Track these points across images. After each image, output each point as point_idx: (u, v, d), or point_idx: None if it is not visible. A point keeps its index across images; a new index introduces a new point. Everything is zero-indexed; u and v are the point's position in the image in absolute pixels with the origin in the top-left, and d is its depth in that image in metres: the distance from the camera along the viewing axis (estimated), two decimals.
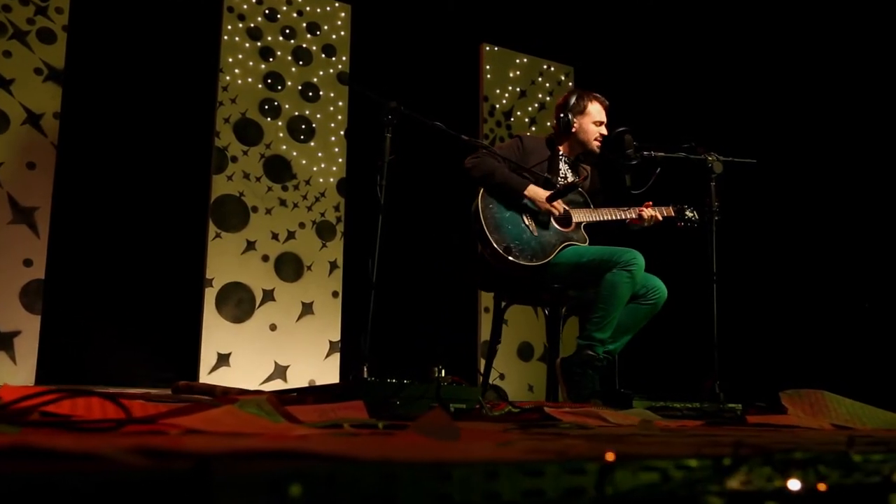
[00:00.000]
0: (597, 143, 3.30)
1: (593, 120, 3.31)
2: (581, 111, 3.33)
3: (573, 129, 3.33)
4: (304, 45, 5.32)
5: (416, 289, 5.27)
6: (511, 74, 6.09)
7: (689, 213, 3.38)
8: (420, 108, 5.62)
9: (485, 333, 5.76)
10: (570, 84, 6.34)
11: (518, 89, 6.11)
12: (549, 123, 6.23)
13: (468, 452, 0.62)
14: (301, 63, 5.29)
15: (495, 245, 3.03)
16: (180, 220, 4.80)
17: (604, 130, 3.34)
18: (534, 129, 6.09)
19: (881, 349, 5.20)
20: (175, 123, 4.80)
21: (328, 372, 5.08)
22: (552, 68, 6.30)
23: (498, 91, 6.04)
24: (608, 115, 3.40)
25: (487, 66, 6.03)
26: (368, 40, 5.57)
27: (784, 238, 5.42)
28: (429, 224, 5.19)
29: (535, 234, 3.11)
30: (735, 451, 0.59)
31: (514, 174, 3.16)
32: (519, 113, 6.11)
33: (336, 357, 5.12)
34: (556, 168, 3.31)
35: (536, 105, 6.14)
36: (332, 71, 5.41)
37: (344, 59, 5.46)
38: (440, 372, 2.31)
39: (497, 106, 6.01)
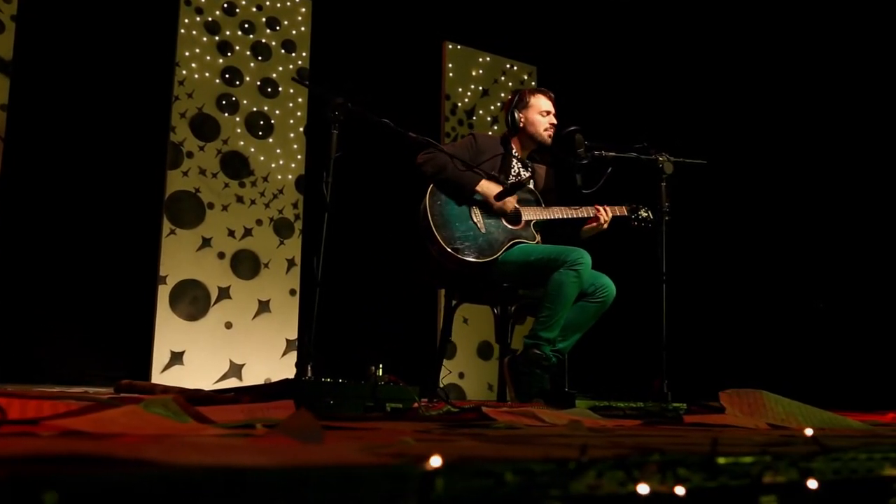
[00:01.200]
0: (548, 133, 3.29)
1: (539, 110, 3.31)
2: (525, 105, 3.32)
3: (521, 125, 3.32)
4: (264, 41, 5.26)
5: (373, 287, 5.24)
6: (473, 73, 6.08)
7: (643, 213, 3.38)
8: (381, 106, 5.57)
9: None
10: (533, 83, 6.34)
11: (480, 88, 6.10)
12: None
13: (311, 455, 0.59)
14: (260, 58, 5.23)
15: (441, 241, 3.01)
16: (134, 216, 4.72)
17: (553, 120, 3.33)
18: (496, 128, 6.08)
19: (830, 348, 5.27)
20: (129, 118, 4.71)
21: (284, 370, 5.02)
22: (515, 68, 6.30)
23: (460, 89, 6.02)
24: (556, 107, 3.39)
25: (450, 65, 6.01)
26: (329, 37, 5.53)
27: (733, 238, 5.47)
28: (384, 221, 5.15)
29: (484, 231, 3.10)
30: (581, 455, 0.57)
31: (467, 171, 3.15)
32: (481, 112, 6.10)
33: (293, 355, 5.06)
34: (508, 167, 3.30)
35: (499, 104, 6.14)
36: (291, 67, 5.35)
37: (304, 55, 5.41)
38: (377, 371, 2.28)
39: (459, 104, 5.99)
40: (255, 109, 5.16)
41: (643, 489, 0.58)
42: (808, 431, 1.28)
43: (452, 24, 6.02)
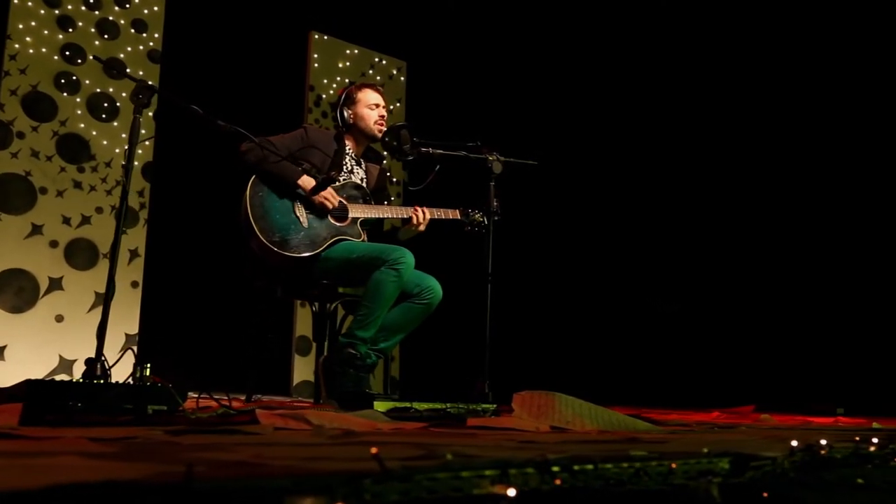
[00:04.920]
0: (378, 127, 3.23)
1: (367, 104, 3.24)
2: (353, 102, 3.25)
3: (351, 121, 3.24)
4: (111, 18, 4.97)
5: (214, 285, 5.05)
6: (340, 65, 5.97)
7: (476, 217, 3.36)
8: (242, 95, 5.41)
9: (300, 329, 5.61)
10: (402, 79, 6.29)
11: (347, 80, 5.98)
12: None
13: None
14: (106, 37, 4.94)
15: (260, 234, 2.90)
16: None
17: (382, 112, 3.27)
18: None
19: (663, 348, 5.46)
20: None
21: (122, 367, 4.76)
22: (384, 62, 6.23)
23: (325, 81, 5.89)
24: (385, 100, 3.34)
25: (315, 55, 5.87)
26: (186, 19, 5.28)
27: (563, 239, 5.60)
28: (220, 213, 4.97)
29: (306, 225, 3.00)
30: (188, 471, 0.51)
31: (291, 164, 3.04)
32: None
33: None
34: (340, 163, 3.22)
35: None
36: (141, 48, 5.09)
37: (156, 36, 5.15)
38: (143, 371, 2.15)
39: (324, 96, 5.86)
40: (98, 90, 4.87)
41: None
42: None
43: (320, 13, 5.89)
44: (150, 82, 2.73)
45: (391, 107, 6.16)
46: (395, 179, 6.08)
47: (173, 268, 5.07)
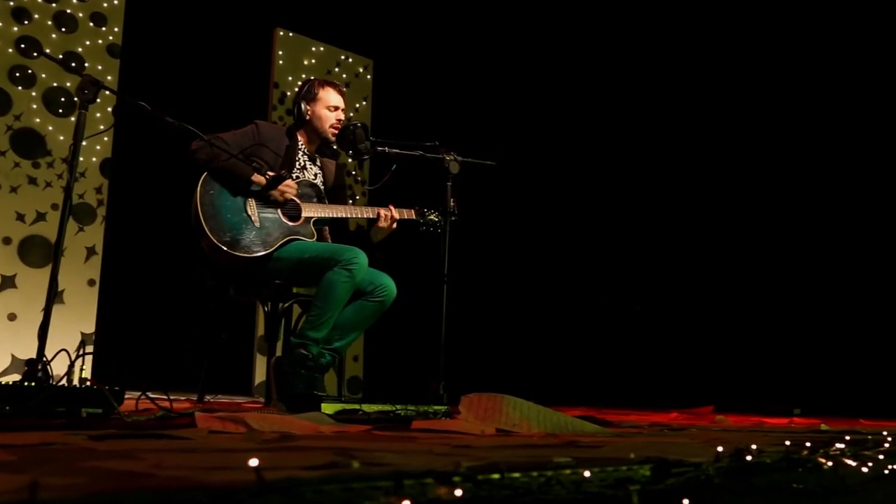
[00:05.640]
0: (332, 130, 3.19)
1: (326, 105, 3.20)
2: (313, 98, 3.21)
3: (307, 118, 3.20)
4: (69, 11, 4.88)
5: (174, 284, 4.97)
6: (306, 62, 5.91)
7: (432, 217, 3.34)
8: (205, 91, 5.34)
9: (261, 328, 5.55)
10: (369, 77, 6.25)
11: (312, 78, 5.93)
12: None
13: None
14: (64, 30, 4.85)
15: (209, 234, 2.85)
16: None
17: (340, 115, 3.23)
18: None
19: (620, 349, 5.48)
20: None
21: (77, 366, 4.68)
22: (350, 59, 6.18)
23: (290, 78, 5.83)
24: (345, 102, 3.30)
25: (280, 52, 5.81)
26: (147, 13, 5.20)
27: (521, 240, 5.61)
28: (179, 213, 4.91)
29: (258, 224, 2.96)
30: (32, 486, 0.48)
31: (242, 162, 2.99)
32: None
33: (88, 350, 4.72)
34: (293, 159, 3.17)
35: None
36: (101, 42, 4.99)
37: (116, 30, 5.06)
38: (80, 373, 2.10)
39: (288, 93, 5.80)
40: (55, 84, 4.77)
41: None
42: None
43: (285, 9, 5.83)
44: (87, 75, 2.66)
45: (357, 105, 6.12)
46: (359, 179, 6.04)
47: (132, 266, 5.00)
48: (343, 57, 6.14)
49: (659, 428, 2.77)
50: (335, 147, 3.20)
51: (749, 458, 1.35)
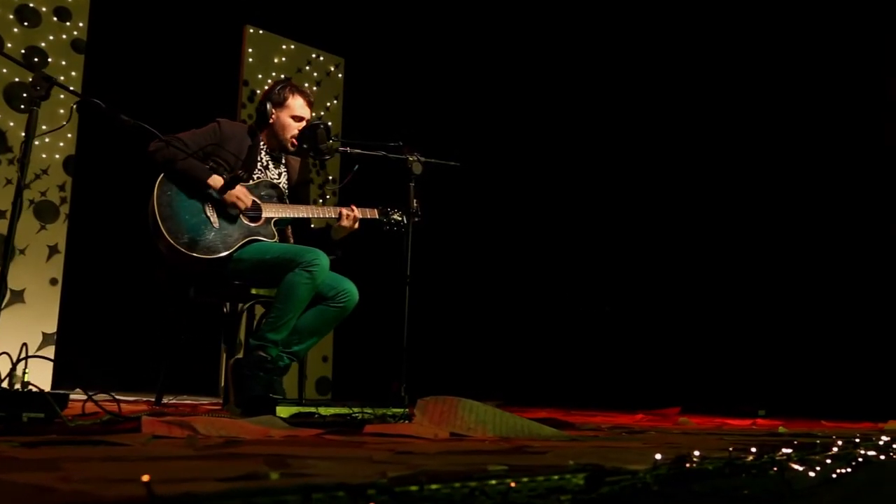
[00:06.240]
0: (293, 141, 3.14)
1: (292, 114, 3.15)
2: (281, 103, 3.15)
3: (270, 121, 3.16)
4: (32, 5, 4.80)
5: (138, 283, 4.91)
6: (276, 60, 5.86)
7: (395, 216, 3.31)
8: (173, 89, 5.27)
9: None
10: (340, 76, 6.21)
11: (283, 76, 5.89)
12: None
13: None
14: (26, 24, 4.76)
15: (167, 235, 2.81)
16: None
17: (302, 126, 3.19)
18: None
19: (589, 350, 5.49)
20: None
21: (38, 367, 4.60)
22: (321, 58, 6.14)
23: (260, 76, 5.78)
24: (311, 114, 3.26)
25: (250, 49, 5.76)
26: (113, 7, 5.13)
27: (490, 241, 5.61)
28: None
29: (217, 226, 2.91)
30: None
31: (201, 163, 2.95)
32: None
33: (50, 350, 4.66)
34: (253, 160, 3.13)
35: None
36: (65, 37, 4.91)
37: (81, 25, 4.98)
38: (22, 376, 2.06)
39: (258, 91, 5.74)
40: (17, 80, 4.69)
41: None
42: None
43: (255, 7, 5.77)
44: (39, 72, 2.61)
45: (328, 103, 6.08)
46: (330, 177, 6.00)
47: (96, 264, 4.93)
48: (314, 55, 6.10)
49: (619, 431, 2.77)
50: (293, 150, 3.16)
51: (688, 465, 1.34)
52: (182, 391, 4.42)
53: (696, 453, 1.45)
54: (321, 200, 5.82)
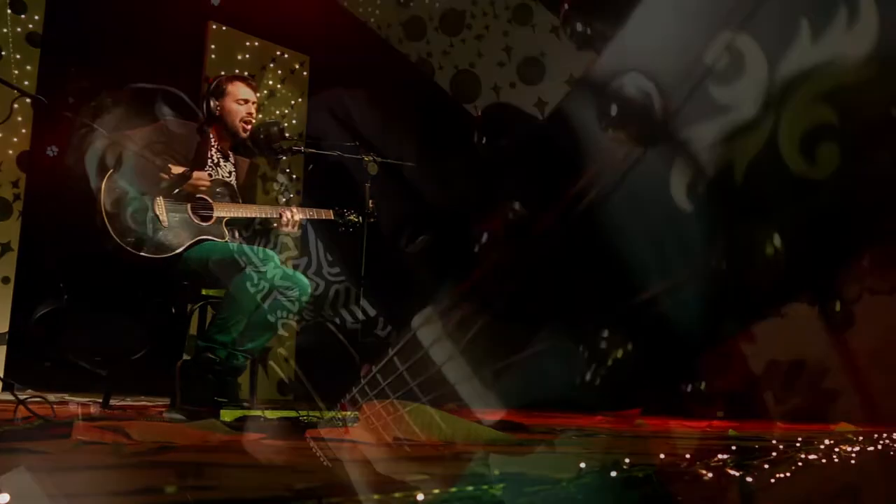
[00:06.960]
0: (242, 125, 3.10)
1: (235, 99, 3.12)
2: (222, 94, 3.13)
3: (217, 114, 3.12)
4: None
5: (92, 283, 4.82)
6: (239, 57, 5.79)
7: (351, 217, 3.28)
8: (134, 83, 5.16)
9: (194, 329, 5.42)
10: (305, 74, 6.15)
11: (246, 73, 5.82)
12: (278, 112, 6.03)
13: None
14: None
15: (113, 234, 2.75)
16: None
17: (251, 109, 3.15)
18: (260, 115, 5.82)
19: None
20: None
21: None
22: (286, 55, 6.07)
23: (223, 73, 5.69)
24: (256, 97, 3.22)
25: (213, 46, 5.68)
26: (71, 1, 5.02)
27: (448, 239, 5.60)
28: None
29: (166, 225, 2.86)
30: None
31: (149, 160, 2.89)
32: None
33: (2, 350, 4.55)
34: (203, 157, 3.08)
35: (266, 91, 5.89)
36: (20, 30, 4.81)
37: (37, 18, 4.88)
38: None
39: None
40: None
41: None
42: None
43: (219, 3, 5.69)
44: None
45: (293, 102, 6.02)
46: (294, 176, 5.94)
47: (50, 263, 4.82)
48: (279, 53, 6.03)
49: (570, 433, 2.77)
50: (249, 145, 3.12)
51: (614, 473, 1.33)
52: (138, 392, 4.35)
53: (627, 461, 1.43)
54: (284, 200, 5.76)
